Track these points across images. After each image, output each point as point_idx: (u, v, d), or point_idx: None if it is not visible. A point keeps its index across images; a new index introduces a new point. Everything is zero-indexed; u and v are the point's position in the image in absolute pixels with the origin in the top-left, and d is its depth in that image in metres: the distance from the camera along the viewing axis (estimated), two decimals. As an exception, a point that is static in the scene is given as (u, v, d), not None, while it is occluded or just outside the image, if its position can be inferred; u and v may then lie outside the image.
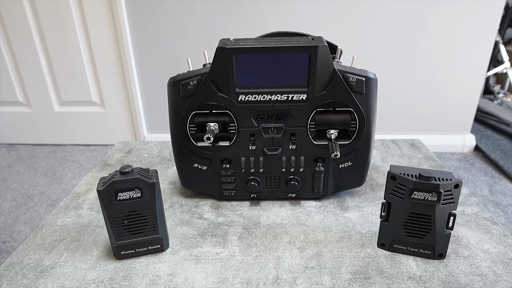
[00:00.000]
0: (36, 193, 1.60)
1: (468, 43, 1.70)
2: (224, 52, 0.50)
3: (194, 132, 0.55)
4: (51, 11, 1.68)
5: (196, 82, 0.52)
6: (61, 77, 1.83)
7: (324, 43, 0.50)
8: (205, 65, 0.55)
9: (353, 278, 0.45)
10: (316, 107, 0.53)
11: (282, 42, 0.51)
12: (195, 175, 0.59)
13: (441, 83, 1.79)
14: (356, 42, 1.71)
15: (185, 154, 0.57)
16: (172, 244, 0.52)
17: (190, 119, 0.55)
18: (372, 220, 0.56)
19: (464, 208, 0.58)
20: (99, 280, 0.45)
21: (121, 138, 1.97)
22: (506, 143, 1.96)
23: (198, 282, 0.45)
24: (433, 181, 0.43)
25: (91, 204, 0.61)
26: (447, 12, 1.63)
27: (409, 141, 0.83)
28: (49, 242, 0.52)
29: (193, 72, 0.53)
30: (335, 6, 1.65)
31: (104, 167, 0.74)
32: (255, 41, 0.51)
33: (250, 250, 0.50)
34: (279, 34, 0.60)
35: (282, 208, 0.59)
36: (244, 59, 0.50)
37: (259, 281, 0.45)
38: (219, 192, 0.60)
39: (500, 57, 2.43)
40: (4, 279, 0.46)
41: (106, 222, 0.46)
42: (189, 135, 0.56)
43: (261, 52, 0.50)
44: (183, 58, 1.73)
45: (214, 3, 1.63)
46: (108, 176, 0.45)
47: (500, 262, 0.47)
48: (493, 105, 2.44)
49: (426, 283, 0.44)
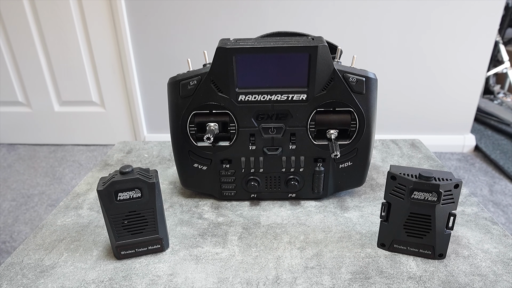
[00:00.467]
0: (36, 193, 1.60)
1: (468, 43, 1.70)
2: (224, 52, 0.50)
3: (194, 132, 0.55)
4: (51, 11, 1.68)
5: (196, 82, 0.52)
6: (61, 77, 1.83)
7: (324, 43, 0.50)
8: (205, 65, 0.55)
9: (353, 278, 0.45)
10: (316, 107, 0.53)
11: (282, 42, 0.51)
12: (195, 175, 0.59)
13: (441, 83, 1.79)
14: (356, 42, 1.71)
15: (185, 154, 0.57)
16: (172, 244, 0.52)
17: (190, 119, 0.55)
18: (372, 220, 0.56)
19: (464, 208, 0.58)
20: (99, 280, 0.45)
21: (121, 138, 1.97)
22: (506, 143, 1.96)
23: (198, 282, 0.45)
24: (433, 181, 0.43)
25: (91, 204, 0.61)
26: (447, 12, 1.63)
27: (409, 141, 0.83)
28: (49, 242, 0.52)
29: (193, 72, 0.53)
30: (336, 6, 1.65)
31: (104, 167, 0.74)
32: (255, 41, 0.51)
33: (250, 250, 0.50)
34: (279, 34, 0.60)
35: (282, 208, 0.59)
36: (244, 59, 0.50)
37: (259, 281, 0.45)
38: (219, 192, 0.60)
39: (500, 57, 2.43)
40: (4, 279, 0.46)
41: (106, 222, 0.46)
42: (189, 135, 0.56)
43: (261, 52, 0.50)
44: (183, 58, 1.73)
45: (214, 3, 1.63)
46: (108, 176, 0.45)
47: (500, 262, 0.47)
48: (493, 105, 2.44)
49: (426, 283, 0.44)
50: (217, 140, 0.56)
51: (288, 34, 0.59)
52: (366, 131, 0.55)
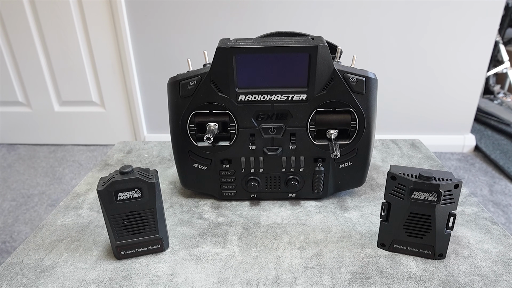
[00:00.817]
0: (36, 193, 1.60)
1: (468, 43, 1.70)
2: (224, 52, 0.50)
3: (194, 132, 0.55)
4: (51, 11, 1.68)
5: (196, 82, 0.52)
6: (61, 77, 1.83)
7: (324, 43, 0.50)
8: (205, 65, 0.55)
9: (353, 278, 0.45)
10: (316, 107, 0.53)
11: (282, 42, 0.50)
12: (195, 175, 0.59)
13: (441, 83, 1.79)
14: (357, 42, 1.71)
15: (185, 154, 0.57)
16: (172, 244, 0.52)
17: (190, 119, 0.55)
18: (372, 220, 0.56)
19: (464, 208, 0.58)
20: (99, 280, 0.45)
21: (121, 138, 1.97)
22: (506, 143, 1.96)
23: (198, 282, 0.45)
24: (433, 181, 0.43)
25: (91, 204, 0.61)
26: (447, 12, 1.63)
27: (409, 141, 0.83)
28: (49, 242, 0.52)
29: (193, 72, 0.53)
30: (336, 6, 1.65)
31: (104, 167, 0.74)
32: (255, 41, 0.51)
33: (250, 250, 0.50)
34: (279, 34, 0.60)
35: (282, 208, 0.59)
36: (244, 59, 0.50)
37: (259, 281, 0.45)
38: (219, 192, 0.60)
39: (500, 57, 2.43)
40: (4, 279, 0.46)
41: (106, 222, 0.46)
42: (189, 135, 0.56)
43: (261, 52, 0.50)
44: (183, 58, 1.73)
45: (214, 3, 1.63)
46: (108, 176, 0.45)
47: (500, 262, 0.47)
48: (493, 105, 2.44)
49: (426, 283, 0.44)
50: (217, 140, 0.56)
51: (288, 34, 0.59)
52: (366, 131, 0.55)
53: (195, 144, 0.56)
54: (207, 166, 0.58)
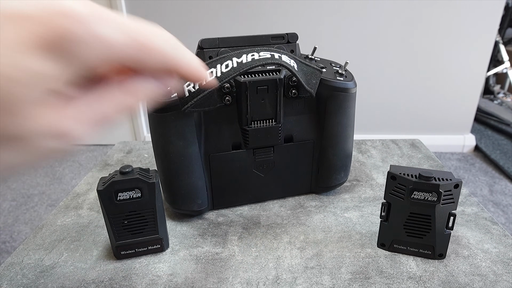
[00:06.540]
0: (36, 193, 1.60)
1: (468, 43, 1.70)
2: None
3: None
4: (51, 11, 1.68)
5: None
6: (61, 77, 1.83)
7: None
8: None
9: (353, 278, 0.45)
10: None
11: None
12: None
13: (441, 83, 1.79)
14: (356, 42, 1.71)
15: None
16: (172, 244, 0.52)
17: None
18: (372, 220, 0.56)
19: (464, 208, 0.58)
20: (99, 280, 0.45)
21: (121, 138, 1.97)
22: (506, 143, 1.96)
23: (198, 282, 0.45)
24: (433, 181, 0.43)
25: (91, 204, 0.61)
26: (447, 12, 1.63)
27: (409, 141, 0.82)
28: (49, 242, 0.52)
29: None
30: (336, 6, 1.65)
31: (104, 167, 0.74)
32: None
33: (250, 250, 0.50)
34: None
35: (282, 208, 0.59)
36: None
37: (259, 281, 0.45)
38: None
39: (500, 57, 2.43)
40: (4, 279, 0.46)
41: (106, 222, 0.46)
42: None
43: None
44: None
45: (214, 3, 1.63)
46: (108, 176, 0.45)
47: (500, 262, 0.47)
48: (493, 105, 2.44)
49: (426, 283, 0.44)
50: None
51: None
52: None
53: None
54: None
